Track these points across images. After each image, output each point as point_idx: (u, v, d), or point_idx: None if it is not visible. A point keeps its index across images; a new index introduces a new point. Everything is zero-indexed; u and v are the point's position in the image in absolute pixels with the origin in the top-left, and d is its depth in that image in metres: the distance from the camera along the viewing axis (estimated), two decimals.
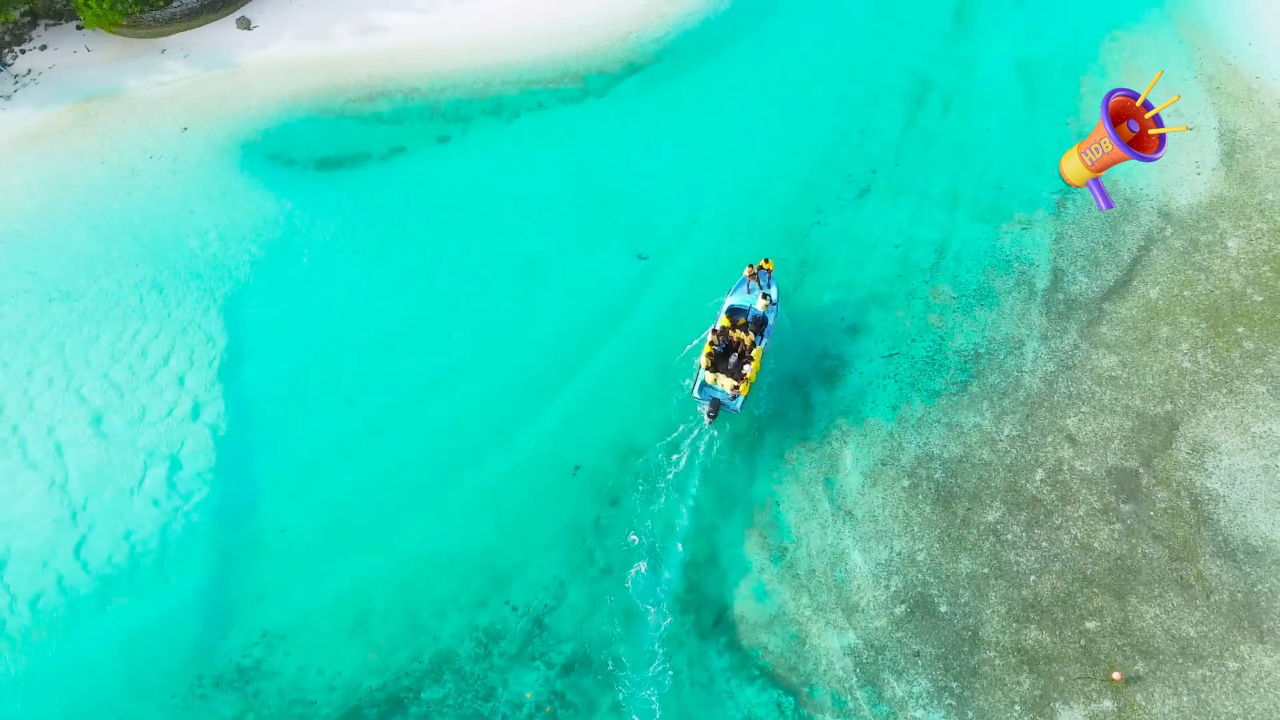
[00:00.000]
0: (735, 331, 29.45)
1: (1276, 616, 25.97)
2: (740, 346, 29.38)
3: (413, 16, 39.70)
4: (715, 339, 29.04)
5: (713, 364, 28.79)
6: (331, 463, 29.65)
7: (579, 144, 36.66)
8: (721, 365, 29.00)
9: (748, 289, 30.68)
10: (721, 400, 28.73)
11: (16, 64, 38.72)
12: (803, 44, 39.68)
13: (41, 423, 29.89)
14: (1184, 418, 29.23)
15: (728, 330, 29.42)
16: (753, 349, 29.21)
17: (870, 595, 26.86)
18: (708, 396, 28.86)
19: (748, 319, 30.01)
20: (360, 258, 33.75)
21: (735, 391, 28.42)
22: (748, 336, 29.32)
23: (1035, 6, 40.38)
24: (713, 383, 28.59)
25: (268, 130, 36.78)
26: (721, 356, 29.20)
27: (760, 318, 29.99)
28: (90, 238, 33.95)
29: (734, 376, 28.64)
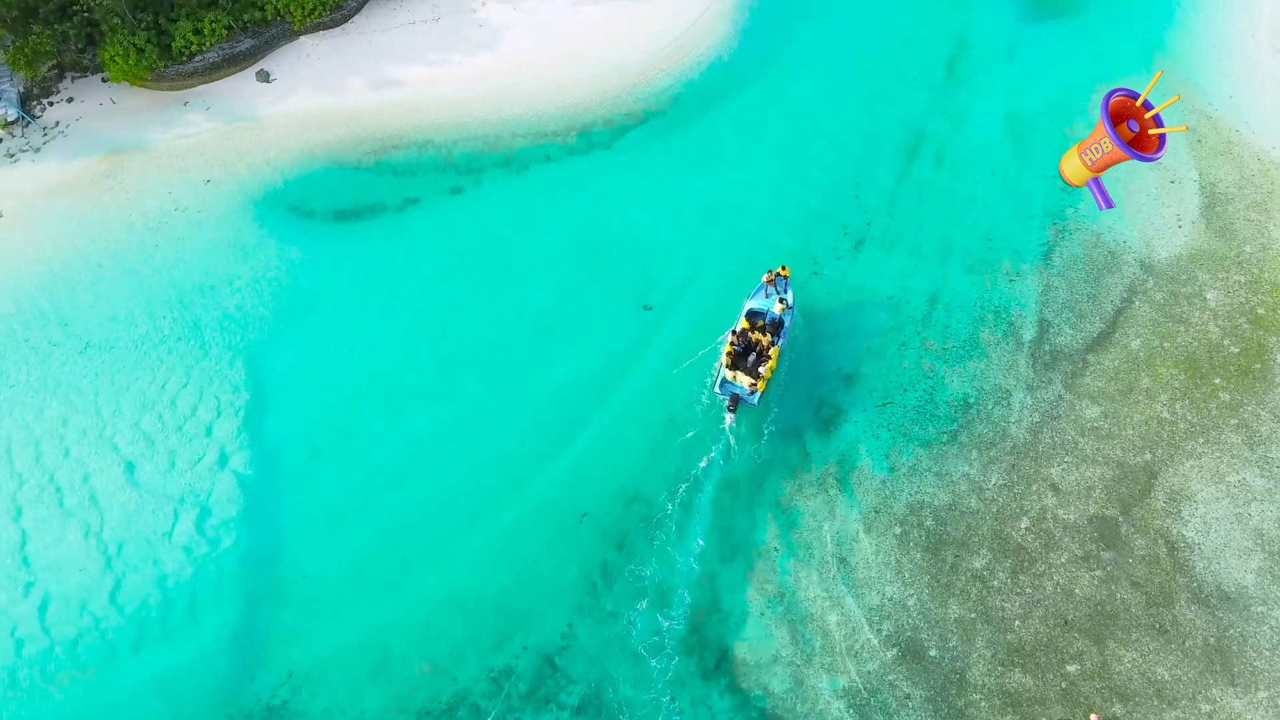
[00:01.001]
0: (754, 333, 31.88)
1: (1247, 660, 27.50)
2: (758, 347, 31.81)
3: (425, 70, 41.26)
4: (735, 340, 31.55)
5: (733, 362, 31.48)
6: (352, 511, 31.18)
7: (586, 196, 38.21)
8: (741, 364, 31.58)
9: (765, 294, 32.97)
10: (740, 395, 31.42)
11: (45, 116, 40.32)
12: (802, 96, 41.28)
13: (77, 471, 31.46)
14: (1162, 467, 30.78)
15: (747, 332, 31.90)
16: (770, 349, 31.63)
17: (863, 639, 28.39)
18: (728, 392, 31.50)
19: (765, 321, 32.37)
20: (377, 309, 35.30)
21: (753, 387, 31.15)
22: (765, 338, 31.81)
23: (1024, 60, 42.01)
24: (732, 379, 31.33)
25: (287, 182, 38.34)
26: (741, 355, 31.77)
27: (777, 320, 32.49)
28: (120, 289, 35.52)
29: (751, 374, 31.18)
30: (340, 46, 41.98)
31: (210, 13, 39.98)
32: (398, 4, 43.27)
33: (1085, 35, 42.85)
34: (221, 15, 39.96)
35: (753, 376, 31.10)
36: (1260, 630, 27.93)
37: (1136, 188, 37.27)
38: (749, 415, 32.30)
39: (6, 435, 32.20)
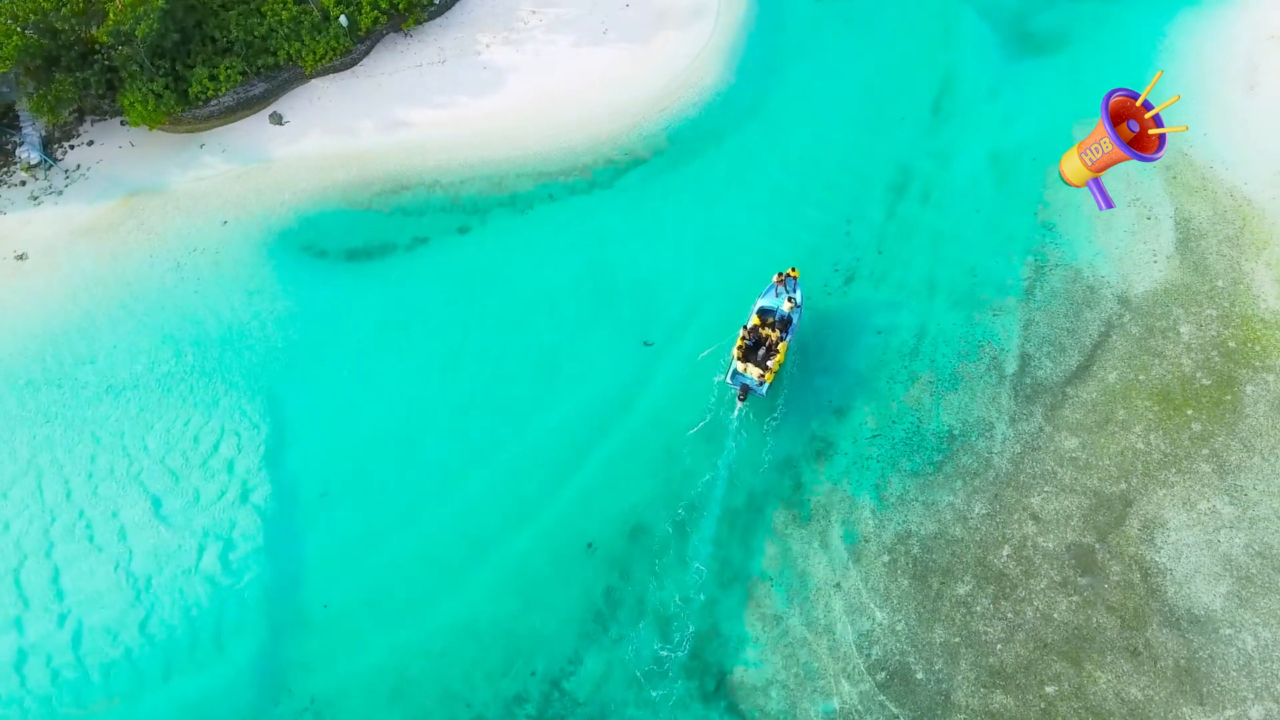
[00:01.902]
0: (764, 329, 34.47)
1: (1215, 681, 29.19)
2: (768, 341, 34.27)
3: (432, 111, 42.97)
4: (746, 335, 34.19)
5: (744, 355, 33.93)
6: (369, 542, 32.81)
7: (588, 234, 39.90)
8: (751, 357, 34.07)
9: (775, 293, 35.44)
10: (750, 385, 33.90)
11: (67, 159, 42.02)
12: (795, 134, 43.02)
13: (106, 507, 33.10)
14: (1137, 496, 32.48)
15: (758, 328, 34.49)
16: (778, 344, 34.16)
17: (854, 663, 30.06)
18: (738, 382, 34.02)
19: (775, 318, 34.99)
20: (389, 347, 36.97)
21: (762, 379, 33.61)
22: (774, 333, 34.42)
23: (1007, 98, 43.74)
24: (743, 371, 33.74)
25: (301, 223, 40.02)
26: (752, 349, 34.25)
27: (785, 318, 35.12)
28: (142, 328, 37.18)
29: (761, 366, 33.59)
30: (350, 89, 43.68)
31: (225, 59, 41.70)
32: (405, 47, 44.98)
33: (1065, 74, 44.57)
34: (236, 62, 41.66)
35: (762, 369, 33.57)
36: (1228, 651, 29.62)
37: (1114, 224, 38.96)
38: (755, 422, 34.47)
39: (38, 472, 33.82)
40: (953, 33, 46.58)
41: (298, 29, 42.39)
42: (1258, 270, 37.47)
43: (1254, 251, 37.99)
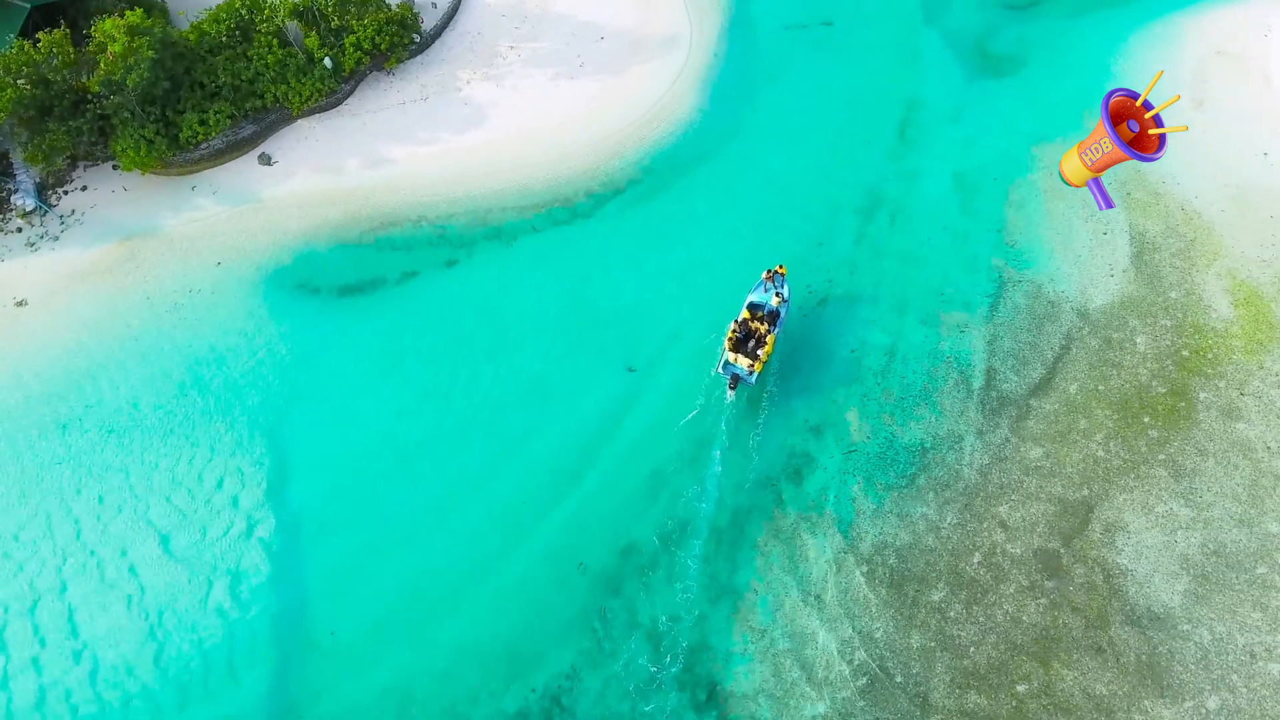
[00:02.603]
0: (753, 323, 36.73)
1: (1175, 674, 31.11)
2: (757, 334, 36.49)
3: (416, 148, 44.45)
4: (737, 327, 36.35)
5: (734, 347, 36.20)
6: (371, 569, 34.27)
7: (571, 264, 41.48)
8: (742, 348, 36.32)
9: (764, 289, 38.04)
10: (740, 375, 36.33)
11: (61, 204, 43.22)
12: (767, 161, 44.80)
13: (115, 546, 34.42)
14: (1098, 501, 34.40)
15: (748, 321, 36.69)
16: (766, 336, 36.41)
17: (837, 669, 31.80)
18: (730, 372, 36.42)
19: (764, 312, 37.33)
20: (384, 379, 38.42)
21: (751, 368, 35.87)
22: (763, 326, 36.63)
23: (969, 121, 45.69)
24: (734, 361, 36.02)
25: (294, 261, 41.40)
26: (742, 341, 36.42)
27: (774, 312, 37.53)
28: (142, 370, 38.48)
29: (750, 357, 35.92)
30: (336, 128, 45.11)
31: (214, 104, 43.05)
32: (388, 85, 46.45)
33: (1023, 95, 46.61)
34: (224, 106, 43.02)
35: (751, 359, 35.78)
36: (1186, 646, 31.55)
37: (1072, 240, 40.93)
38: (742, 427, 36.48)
39: (47, 514, 35.10)
40: (917, 57, 48.51)
41: (284, 72, 43.74)
42: (1208, 281, 39.50)
43: (1205, 264, 40.03)
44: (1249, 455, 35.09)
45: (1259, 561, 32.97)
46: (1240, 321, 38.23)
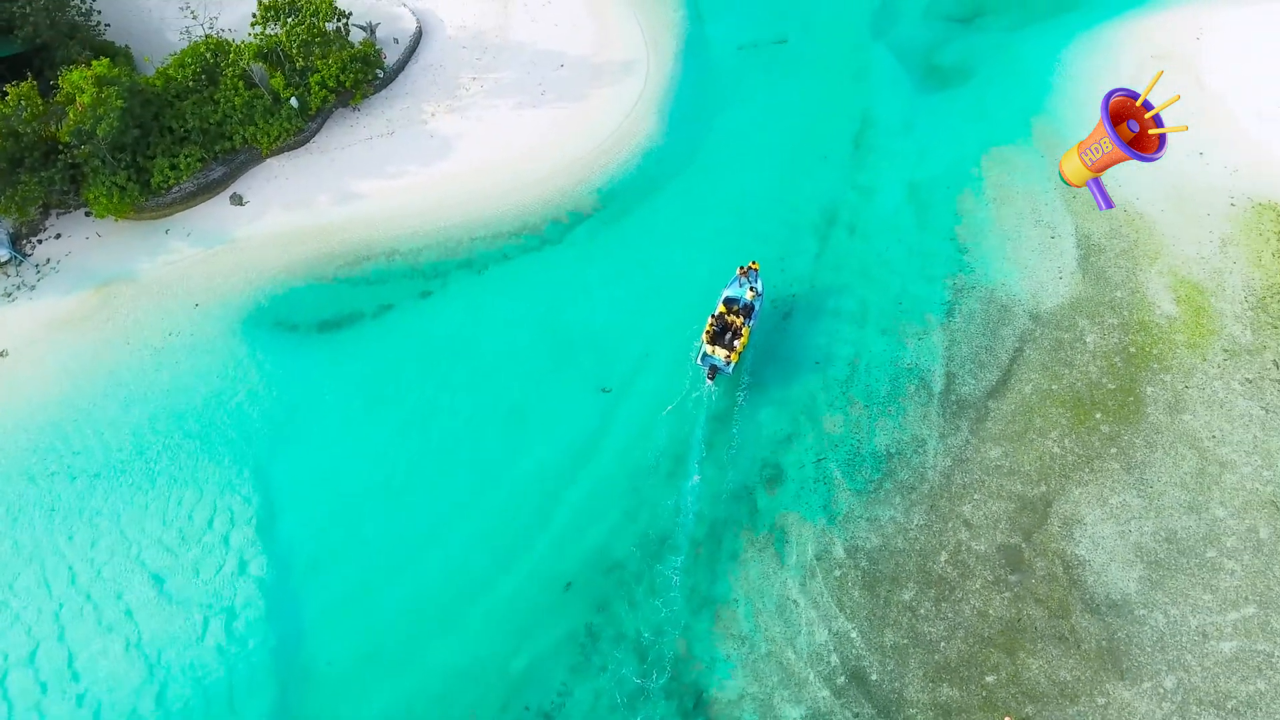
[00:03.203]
0: (730, 316, 39.16)
1: (1133, 658, 32.92)
2: (733, 327, 38.99)
3: (384, 182, 45.50)
4: (714, 321, 38.85)
5: (712, 339, 38.65)
6: (363, 598, 35.32)
7: (542, 289, 42.70)
8: (719, 340, 38.78)
9: (739, 284, 40.42)
10: (718, 365, 38.61)
11: (36, 253, 43.84)
12: (728, 179, 46.31)
13: (110, 589, 35.24)
14: (1056, 496, 36.17)
15: (724, 315, 39.18)
16: (742, 328, 38.88)
17: (815, 671, 33.31)
18: (708, 363, 38.71)
19: (739, 306, 39.77)
20: (366, 411, 39.48)
21: (728, 359, 38.31)
22: (738, 319, 39.01)
23: (920, 133, 47.45)
24: (711, 353, 38.40)
25: (271, 299, 42.32)
26: (719, 334, 38.92)
27: (748, 305, 39.94)
28: (127, 414, 39.26)
29: (728, 348, 38.33)
30: (305, 165, 46.05)
31: (184, 148, 43.87)
32: (354, 121, 47.44)
33: (971, 104, 48.46)
34: (194, 149, 43.85)
35: (728, 350, 38.14)
36: (1143, 630, 33.38)
37: (1022, 245, 42.76)
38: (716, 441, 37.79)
39: (41, 562, 35.85)
40: (868, 72, 50.23)
41: (251, 113, 44.64)
42: (1152, 279, 41.47)
43: (1147, 262, 42.01)
44: (1195, 445, 37.02)
45: (1208, 546, 34.87)
46: (1182, 317, 40.20)
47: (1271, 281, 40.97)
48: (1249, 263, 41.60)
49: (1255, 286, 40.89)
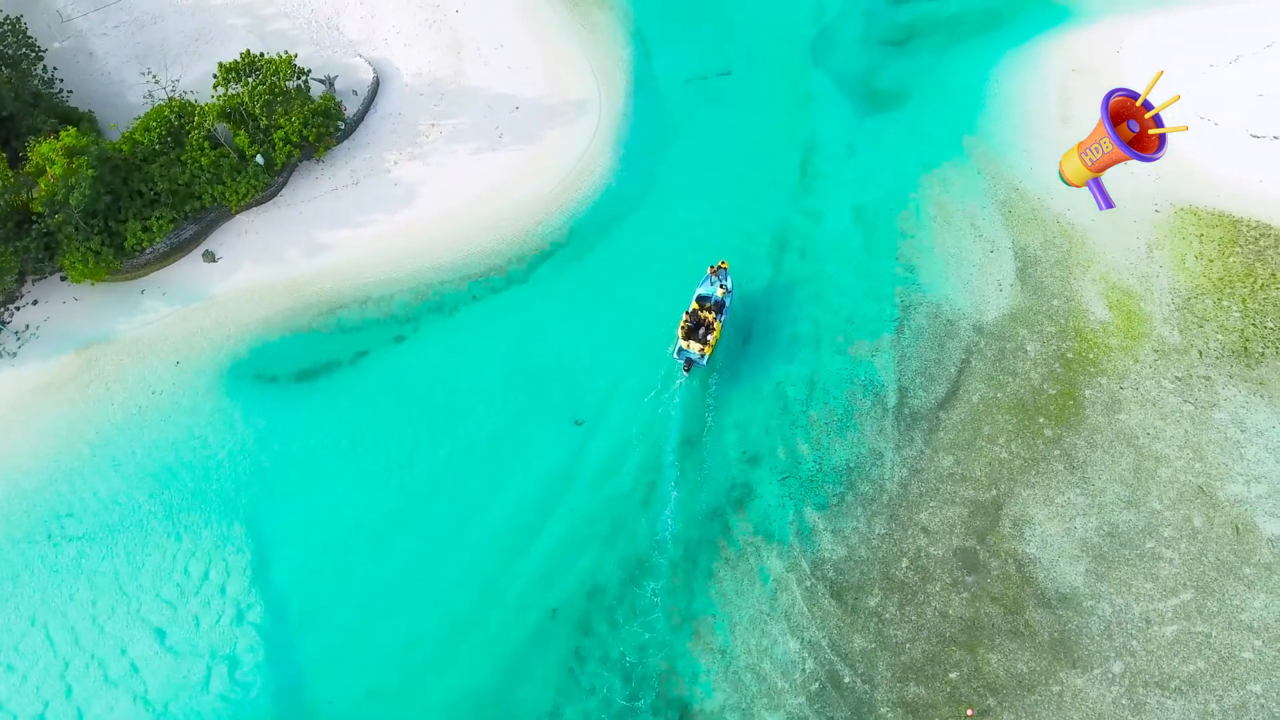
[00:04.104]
0: (702, 312, 42.15)
1: (1083, 646, 35.49)
2: (705, 322, 41.91)
3: (352, 231, 47.04)
4: (688, 318, 41.90)
5: (686, 334, 41.71)
6: (359, 637, 37.05)
7: (512, 328, 44.46)
8: (693, 335, 41.80)
9: (710, 283, 43.52)
10: (693, 359, 41.83)
11: (15, 320, 44.90)
12: (683, 209, 48.22)
13: (114, 645, 36.68)
14: (1006, 499, 38.69)
15: (697, 312, 42.22)
16: (714, 323, 41.88)
17: (791, 679, 35.53)
18: (684, 357, 41.82)
19: (711, 303, 42.90)
20: (349, 457, 41.09)
21: (702, 352, 41.38)
22: (710, 315, 42.04)
23: (863, 155, 49.84)
24: (686, 347, 41.50)
25: (250, 352, 43.73)
26: (693, 330, 41.89)
27: (719, 302, 43.07)
28: (116, 474, 40.59)
29: (701, 342, 41.37)
30: (274, 219, 47.49)
31: (155, 210, 45.12)
32: (319, 173, 48.95)
33: (909, 126, 50.90)
34: (165, 211, 45.13)
35: (702, 344, 41.24)
36: (1090, 620, 35.96)
37: (963, 260, 45.30)
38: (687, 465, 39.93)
39: (43, 624, 37.19)
40: (810, 98, 52.48)
41: (218, 172, 46.01)
42: (1085, 287, 44.20)
43: (1081, 271, 44.73)
44: (1132, 443, 39.73)
45: (1147, 537, 37.57)
46: (1115, 321, 42.94)
47: (1195, 283, 43.84)
48: (1174, 266, 44.45)
49: (1180, 288, 43.72)
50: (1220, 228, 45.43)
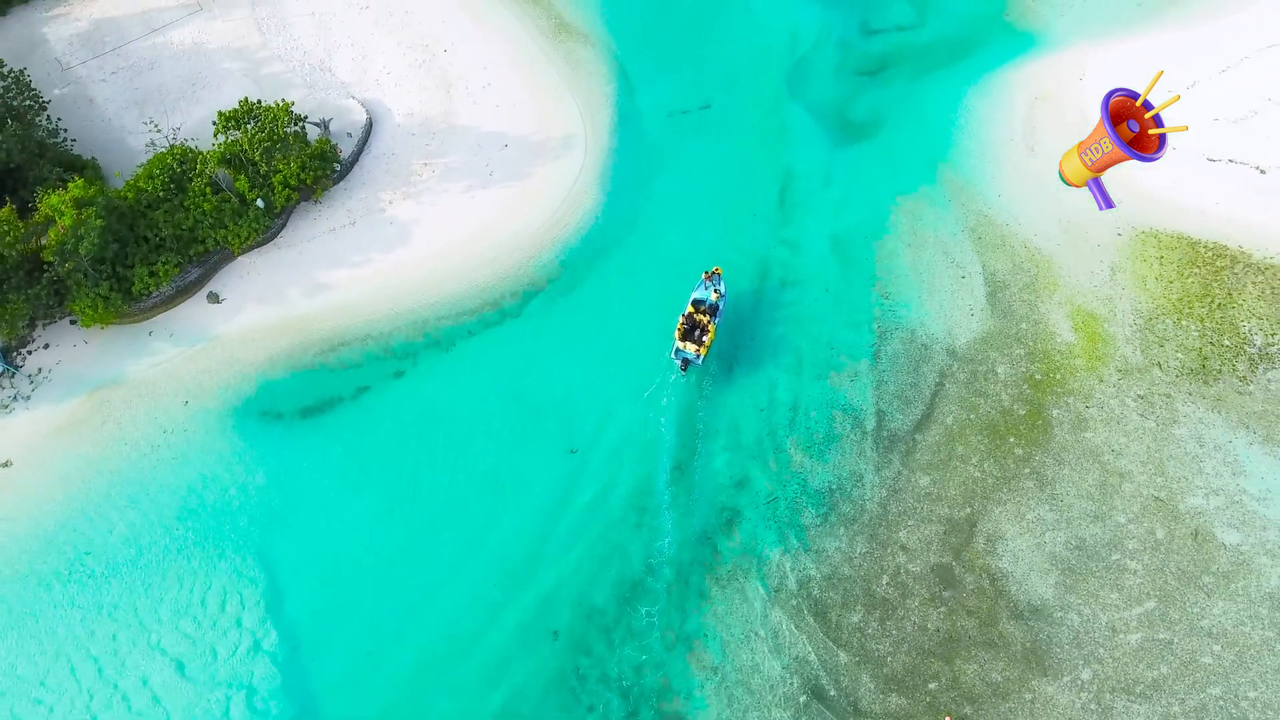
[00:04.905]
0: (698, 315, 45.26)
1: (1054, 655, 37.74)
2: (701, 324, 45.08)
3: (350, 271, 48.96)
4: (685, 320, 44.98)
5: (683, 336, 44.81)
6: (369, 663, 38.98)
7: (506, 361, 46.47)
8: (690, 336, 44.94)
9: (704, 287, 46.64)
10: (689, 358, 44.59)
11: (28, 364, 46.64)
12: (668, 241, 50.40)
13: (136, 677, 38.50)
14: (979, 517, 40.93)
15: (693, 315, 45.30)
16: (709, 325, 44.99)
17: (780, 692, 37.66)
18: (680, 357, 44.69)
19: (706, 306, 46.00)
20: (354, 489, 43.01)
21: (698, 352, 44.24)
22: (705, 318, 45.23)
23: (838, 185, 52.07)
24: (683, 348, 44.38)
25: (255, 390, 45.61)
26: (690, 331, 45.03)
27: (713, 305, 46.20)
28: (132, 511, 42.40)
29: (697, 343, 44.46)
30: (275, 260, 49.38)
31: (161, 255, 46.93)
32: (317, 214, 50.84)
33: (883, 155, 53.19)
34: (171, 256, 46.95)
35: (698, 345, 44.22)
36: (1060, 630, 38.22)
37: (936, 287, 47.54)
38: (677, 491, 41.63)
39: (68, 658, 38.97)
40: (787, 130, 54.69)
41: (221, 217, 47.85)
42: (1052, 310, 46.51)
43: (1047, 294, 47.05)
44: (1097, 459, 42.04)
45: (1112, 550, 39.87)
46: (1080, 343, 45.27)
47: (1156, 304, 46.22)
48: (1136, 288, 46.83)
49: (1142, 309, 46.10)
50: (1179, 250, 47.81)
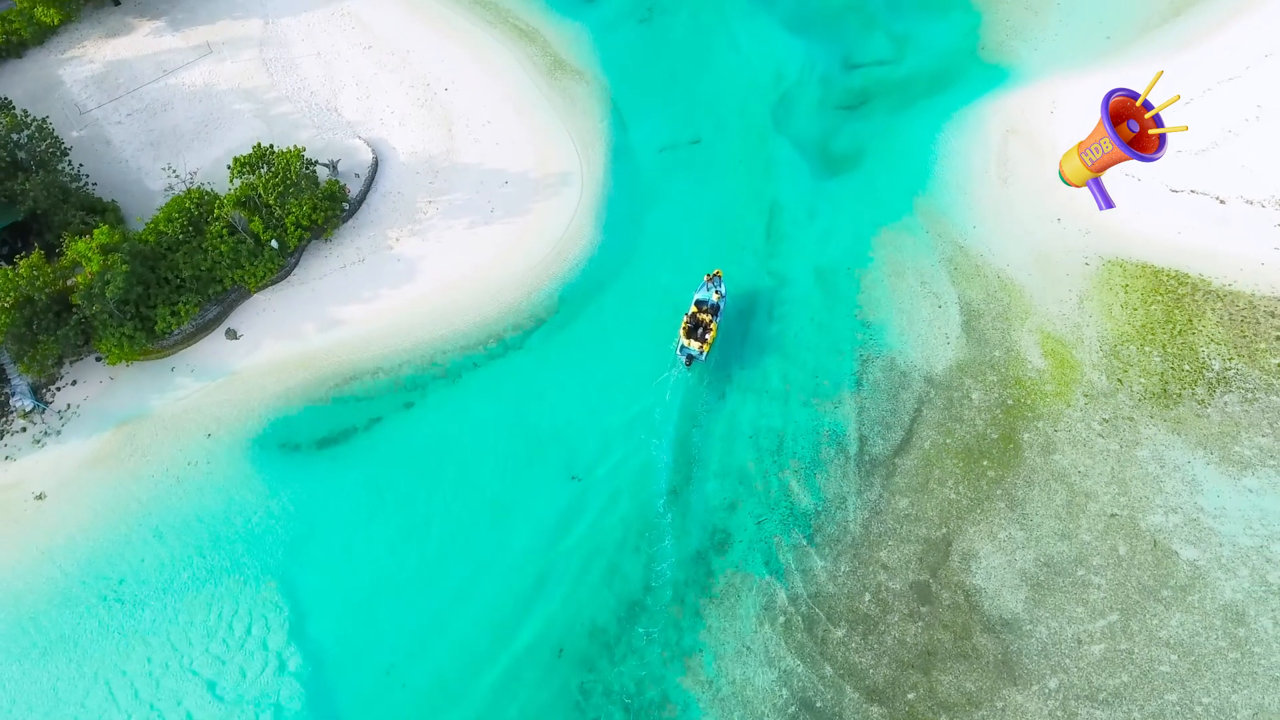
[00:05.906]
0: (700, 314, 48.87)
1: (1024, 666, 40.74)
2: (703, 323, 48.70)
3: (362, 307, 51.71)
4: (688, 319, 48.55)
5: (687, 334, 48.33)
6: (387, 681, 41.80)
7: (510, 392, 49.30)
8: (693, 334, 48.48)
9: (706, 288, 50.26)
10: (693, 355, 48.35)
11: (56, 400, 49.34)
12: (661, 273, 53.15)
13: (170, 698, 41.30)
14: (955, 536, 43.88)
15: (696, 314, 48.81)
16: (711, 324, 48.66)
17: (770, 705, 40.61)
18: (685, 353, 48.39)
19: (708, 306, 49.65)
20: (371, 518, 45.80)
21: (701, 349, 47.98)
22: (708, 317, 48.90)
23: (822, 218, 54.90)
24: (687, 345, 47.92)
25: (273, 423, 48.38)
26: (693, 329, 48.59)
27: (715, 305, 49.87)
28: (159, 541, 45.17)
29: (700, 340, 48.07)
30: (289, 297, 52.10)
31: (181, 295, 49.64)
32: (328, 251, 53.55)
33: (862, 188, 56.05)
34: (191, 296, 49.66)
35: (701, 342, 47.93)
36: (1029, 643, 41.23)
37: (915, 316, 50.46)
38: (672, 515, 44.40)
39: (106, 681, 41.75)
40: (773, 164, 57.50)
41: (237, 257, 50.56)
42: (1023, 337, 49.47)
43: (1019, 322, 49.99)
44: (1064, 481, 45.02)
45: (1078, 566, 42.87)
46: (1049, 369, 48.24)
47: (1121, 331, 49.20)
48: (1102, 315, 49.80)
49: (1108, 336, 49.07)
50: (1143, 278, 50.78)
